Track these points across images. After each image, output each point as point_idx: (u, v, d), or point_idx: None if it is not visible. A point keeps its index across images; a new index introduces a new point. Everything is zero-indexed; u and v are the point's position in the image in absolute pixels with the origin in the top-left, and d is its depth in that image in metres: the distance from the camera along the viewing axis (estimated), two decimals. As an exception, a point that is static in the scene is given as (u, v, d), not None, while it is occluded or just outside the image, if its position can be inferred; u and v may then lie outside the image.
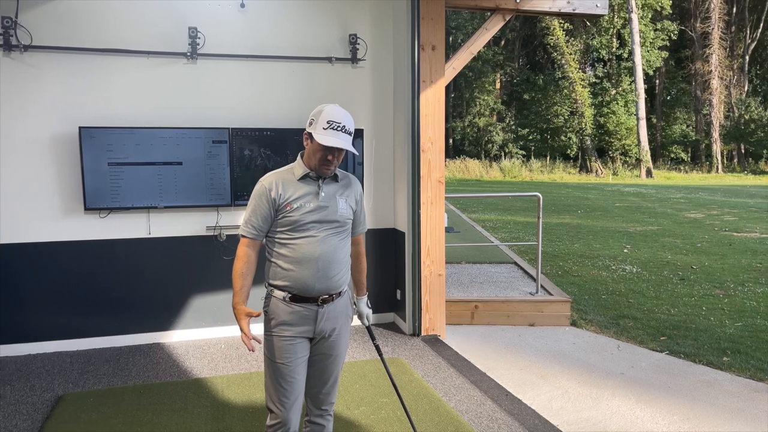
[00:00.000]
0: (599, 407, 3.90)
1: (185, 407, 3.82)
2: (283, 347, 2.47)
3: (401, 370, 4.43)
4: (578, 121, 32.04)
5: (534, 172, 30.84)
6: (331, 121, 2.41)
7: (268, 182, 2.49)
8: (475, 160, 32.81)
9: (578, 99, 31.70)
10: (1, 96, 4.64)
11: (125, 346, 5.02)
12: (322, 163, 2.45)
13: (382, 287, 5.65)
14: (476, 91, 37.45)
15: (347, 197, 2.58)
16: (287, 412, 2.46)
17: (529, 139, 35.21)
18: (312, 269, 2.44)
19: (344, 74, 5.41)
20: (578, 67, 32.25)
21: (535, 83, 35.21)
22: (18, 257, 4.77)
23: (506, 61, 37.64)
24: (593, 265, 8.55)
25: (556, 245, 10.16)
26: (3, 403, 3.93)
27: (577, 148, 33.37)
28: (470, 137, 37.98)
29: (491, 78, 37.29)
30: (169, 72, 4.99)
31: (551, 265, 8.53)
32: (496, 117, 37.93)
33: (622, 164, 31.42)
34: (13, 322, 4.80)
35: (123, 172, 4.87)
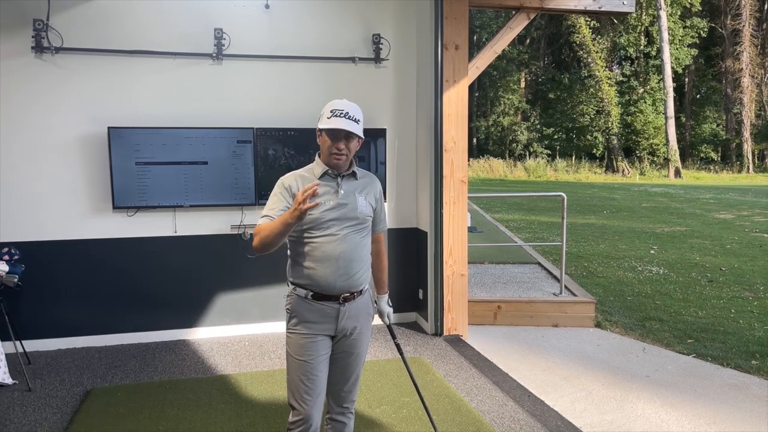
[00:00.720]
0: (623, 410, 3.85)
1: (209, 403, 3.88)
2: (305, 345, 2.49)
3: (423, 370, 4.44)
4: (604, 120, 31.60)
5: (559, 171, 30.51)
6: (335, 110, 2.45)
7: (288, 180, 2.52)
8: (499, 160, 32.58)
9: (605, 98, 31.26)
10: (33, 97, 4.76)
11: (152, 342, 5.11)
12: (332, 154, 2.46)
13: (404, 287, 5.65)
14: (501, 90, 37.18)
15: (367, 195, 2.59)
16: (309, 409, 2.48)
17: (554, 138, 34.84)
18: (333, 267, 2.45)
19: (367, 74, 5.42)
20: (605, 65, 31.81)
21: (560, 82, 34.82)
22: (49, 254, 4.88)
23: (531, 59, 37.32)
24: (619, 266, 8.44)
25: (581, 246, 10.05)
26: (34, 397, 4.03)
27: (603, 148, 32.92)
28: (494, 136, 37.73)
29: (516, 77, 36.99)
30: (195, 73, 5.06)
31: (576, 265, 8.44)
32: (520, 116, 37.63)
33: (650, 164, 30.92)
34: (43, 318, 4.92)
35: (150, 171, 4.95)
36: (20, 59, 4.70)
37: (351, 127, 2.44)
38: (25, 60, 4.72)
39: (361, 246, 2.54)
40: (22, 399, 3.99)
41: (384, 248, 2.84)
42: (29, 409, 3.83)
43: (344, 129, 2.42)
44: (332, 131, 2.44)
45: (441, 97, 5.08)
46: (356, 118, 2.48)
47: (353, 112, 2.48)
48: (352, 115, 2.46)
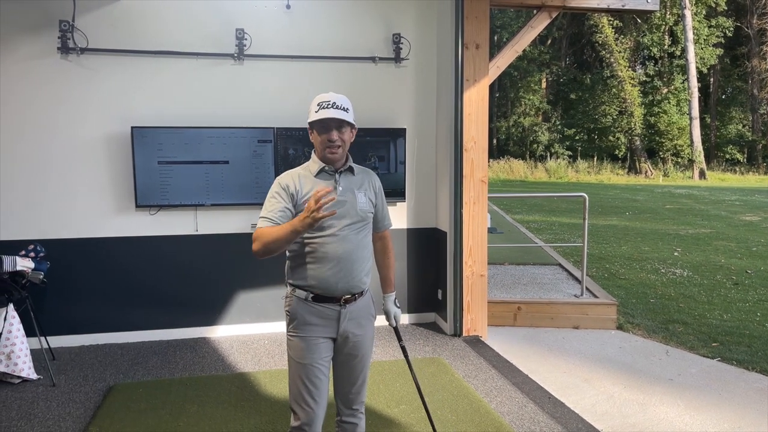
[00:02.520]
0: (646, 413, 3.80)
1: (229, 400, 3.90)
2: (307, 347, 2.43)
3: (442, 370, 4.42)
4: (627, 121, 31.17)
5: (580, 173, 30.20)
6: (321, 102, 2.41)
7: (285, 179, 2.45)
8: (519, 161, 32.34)
9: (627, 98, 30.84)
10: (58, 97, 4.84)
11: (173, 340, 5.17)
12: (326, 148, 2.40)
13: (423, 287, 5.64)
14: (521, 91, 36.92)
15: (366, 190, 2.53)
16: (313, 413, 2.42)
17: (576, 139, 34.49)
18: (334, 268, 2.40)
19: (387, 74, 5.42)
20: (628, 65, 31.40)
21: (582, 82, 34.47)
22: (73, 252, 4.96)
23: (552, 60, 37.00)
24: (641, 268, 8.32)
25: (603, 247, 9.93)
26: (58, 392, 4.10)
27: (626, 149, 32.48)
28: (515, 137, 37.49)
29: (537, 77, 36.69)
30: (216, 73, 5.11)
31: (597, 267, 8.35)
32: (541, 117, 37.34)
33: (674, 165, 30.44)
34: (68, 314, 5.00)
35: (172, 170, 5.01)
36: (46, 60, 4.79)
37: (340, 116, 2.38)
38: (51, 60, 4.80)
39: (362, 245, 2.48)
40: (46, 394, 4.06)
41: (390, 245, 2.80)
42: (53, 404, 3.89)
43: (334, 118, 2.37)
44: (321, 122, 2.38)
45: (461, 97, 5.06)
46: (344, 107, 2.42)
47: (340, 101, 2.42)
48: (339, 105, 2.40)
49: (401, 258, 5.60)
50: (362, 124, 5.32)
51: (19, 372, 4.19)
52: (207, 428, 3.51)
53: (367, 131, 5.30)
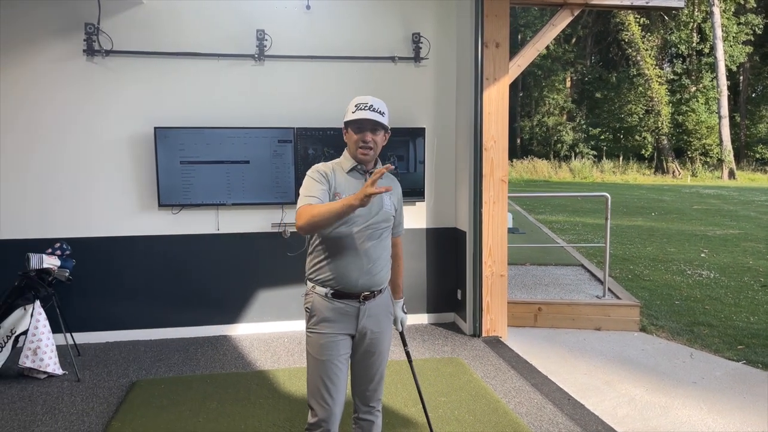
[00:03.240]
0: (668, 416, 3.74)
1: (248, 397, 3.94)
2: (326, 344, 2.44)
3: (460, 371, 4.40)
4: (654, 120, 30.69)
5: (605, 173, 29.80)
6: (359, 103, 2.47)
7: (324, 168, 2.50)
8: (543, 161, 32.05)
9: (654, 97, 30.36)
10: (84, 98, 4.94)
11: (195, 337, 5.24)
12: (359, 147, 2.46)
13: (443, 287, 5.63)
14: (545, 90, 36.59)
15: (391, 195, 2.60)
16: (330, 410, 2.42)
17: (601, 138, 34.05)
18: (357, 264, 2.43)
19: (407, 73, 5.42)
20: (655, 63, 30.89)
21: (607, 81, 34.01)
22: (98, 250, 5.06)
23: (577, 58, 36.60)
24: (666, 269, 8.19)
25: (627, 248, 9.79)
26: (82, 387, 4.18)
27: (653, 148, 31.98)
28: (539, 137, 37.17)
29: (561, 76, 36.32)
30: (237, 73, 5.16)
31: (621, 268, 8.23)
32: (566, 116, 36.94)
33: (702, 165, 29.86)
34: (93, 311, 5.10)
35: (194, 170, 5.08)
36: (72, 62, 4.89)
37: (376, 118, 2.45)
38: (77, 63, 4.90)
39: (384, 245, 2.54)
40: (71, 389, 4.15)
41: (401, 252, 2.85)
42: (77, 399, 3.97)
43: (370, 119, 2.43)
44: (358, 122, 2.45)
45: (481, 96, 5.03)
46: (381, 110, 2.48)
47: (378, 105, 2.48)
48: (376, 108, 2.46)
49: (420, 258, 5.59)
50: (382, 124, 5.33)
51: (45, 367, 4.28)
52: (225, 425, 3.55)
53: (386, 131, 5.29)
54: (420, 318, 5.65)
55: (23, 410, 3.80)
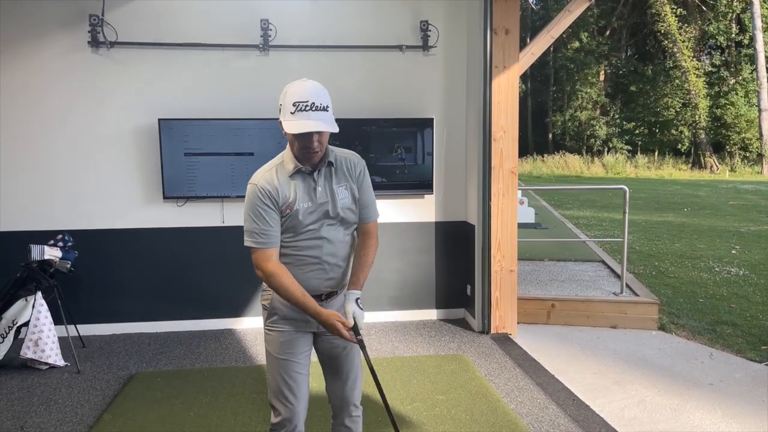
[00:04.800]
0: (678, 419, 3.53)
1: (242, 392, 3.87)
2: (285, 342, 2.31)
3: (463, 368, 4.26)
4: (691, 114, 29.72)
5: (639, 168, 29.01)
6: (297, 102, 2.10)
7: (265, 184, 2.20)
8: (575, 156, 31.39)
9: (692, 89, 29.39)
10: (89, 90, 4.94)
11: (199, 331, 5.21)
12: (303, 153, 2.17)
13: (452, 282, 5.48)
14: (578, 84, 35.84)
15: (346, 182, 2.30)
16: (293, 409, 2.30)
17: (636, 133, 33.20)
18: (317, 271, 2.27)
19: (415, 62, 5.28)
20: (692, 55, 29.91)
21: (643, 74, 33.09)
22: (104, 242, 5.06)
23: (612, 51, 35.71)
24: (694, 266, 7.86)
25: (654, 244, 9.45)
26: (81, 379, 4.18)
27: (690, 143, 31.01)
28: (571, 132, 36.45)
29: (595, 69, 35.51)
30: (242, 64, 5.10)
31: (645, 264, 7.93)
32: (599, 110, 36.14)
33: (741, 160, 28.83)
34: (99, 304, 5.12)
35: (198, 162, 5.03)
36: (77, 54, 4.89)
37: (319, 126, 2.08)
38: (82, 55, 4.90)
39: (344, 245, 2.33)
40: (70, 380, 4.15)
41: (374, 242, 2.39)
42: (74, 390, 3.97)
43: (312, 132, 2.09)
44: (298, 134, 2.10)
45: (490, 84, 4.86)
46: (323, 105, 2.12)
47: (319, 99, 2.11)
48: (318, 105, 2.10)
49: (429, 252, 5.45)
50: (388, 114, 5.21)
51: (47, 359, 4.29)
52: (216, 419, 3.49)
53: (393, 122, 5.18)
54: (429, 314, 5.51)
55: (20, 401, 3.81)
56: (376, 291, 5.39)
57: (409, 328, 5.25)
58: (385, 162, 5.22)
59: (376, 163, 5.18)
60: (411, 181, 5.28)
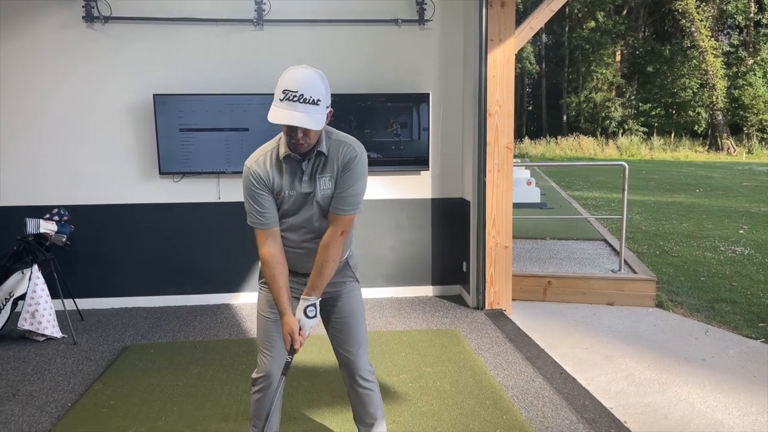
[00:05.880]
0: (665, 393, 3.51)
1: (232, 363, 3.91)
2: (268, 301, 2.39)
3: (454, 342, 4.26)
4: (708, 95, 29.24)
5: (655, 150, 28.65)
6: (287, 90, 2.04)
7: (257, 168, 2.24)
8: (589, 138, 31.09)
9: (709, 70, 28.89)
10: (84, 66, 4.96)
11: (196, 305, 5.26)
12: (289, 143, 2.14)
13: (449, 259, 5.47)
14: (593, 64, 35.37)
15: (332, 173, 2.24)
16: (269, 365, 2.40)
17: (652, 114, 32.74)
18: (298, 253, 2.34)
19: (411, 37, 5.23)
20: (710, 35, 29.34)
21: (660, 54, 32.53)
22: (102, 217, 5.11)
23: (629, 30, 35.11)
24: (699, 245, 7.76)
25: (661, 224, 9.34)
26: (77, 350, 4.25)
27: (707, 125, 30.52)
28: (586, 113, 36.05)
29: (611, 50, 35.00)
30: (236, 39, 5.08)
31: (650, 244, 7.86)
32: (615, 92, 35.67)
33: (759, 142, 28.34)
34: (98, 278, 5.18)
35: (194, 137, 5.05)
36: (72, 30, 4.91)
37: (299, 121, 2.01)
38: (77, 30, 4.91)
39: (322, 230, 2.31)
40: (65, 351, 4.22)
41: (337, 240, 2.24)
42: (69, 361, 4.04)
43: (295, 126, 2.04)
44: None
45: (485, 58, 4.79)
46: (314, 99, 2.05)
47: (310, 91, 2.04)
48: (308, 98, 2.03)
49: (425, 229, 5.44)
50: (383, 90, 5.18)
51: (43, 330, 4.37)
52: (204, 389, 3.53)
53: (388, 97, 5.14)
54: (425, 290, 5.51)
55: (15, 370, 3.88)
56: (372, 268, 5.40)
57: (404, 304, 5.26)
58: (381, 138, 5.19)
59: (372, 139, 5.16)
60: (407, 158, 5.25)
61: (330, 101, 2.16)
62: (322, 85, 2.10)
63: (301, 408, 3.25)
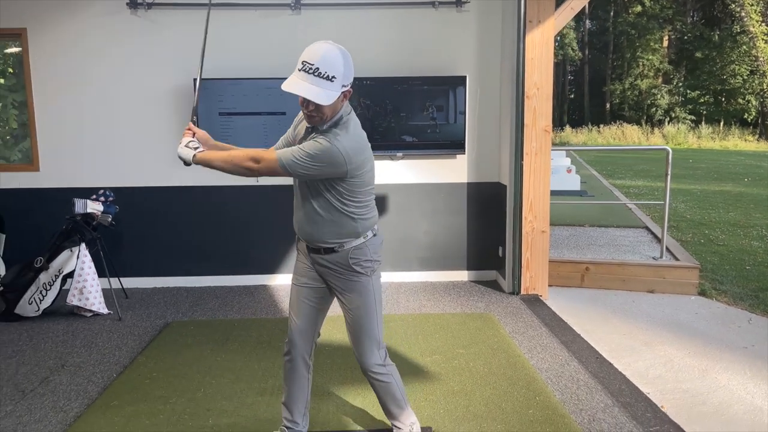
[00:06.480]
0: (704, 380, 3.43)
1: (269, 341, 4.00)
2: (297, 269, 2.54)
3: (487, 325, 4.25)
4: (759, 82, 28.12)
5: (703, 138, 27.73)
6: (305, 62, 2.10)
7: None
8: (634, 126, 30.26)
9: (760, 56, 27.74)
10: (128, 51, 5.10)
11: (235, 286, 5.38)
12: (303, 113, 2.23)
13: (484, 244, 5.45)
14: (639, 50, 34.40)
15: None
16: (293, 335, 2.52)
17: (700, 102, 31.68)
18: (295, 218, 2.46)
19: (448, 19, 5.19)
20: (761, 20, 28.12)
21: (709, 39, 31.42)
22: (143, 199, 5.27)
23: (676, 15, 33.99)
24: (746, 234, 7.52)
25: (707, 213, 9.07)
26: (122, 325, 4.40)
27: (757, 113, 29.38)
28: (630, 101, 35.12)
29: (657, 35, 33.97)
30: (274, 23, 5.14)
31: (695, 232, 7.64)
32: (661, 78, 34.63)
33: (814, 130, 27.15)
34: (142, 259, 5.35)
35: (232, 121, 5.14)
36: (117, 16, 5.05)
37: (304, 92, 2.06)
38: (121, 16, 5.05)
39: (308, 205, 2.34)
40: (111, 326, 4.38)
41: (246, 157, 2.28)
42: (114, 335, 4.19)
43: (301, 96, 2.10)
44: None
45: (523, 40, 4.73)
46: (329, 74, 2.08)
47: (326, 66, 2.08)
48: (323, 72, 2.08)
49: (460, 213, 5.42)
50: (420, 73, 5.17)
51: (91, 306, 4.54)
52: (241, 364, 3.63)
53: (424, 80, 5.13)
54: (460, 275, 5.50)
55: (64, 343, 4.05)
56: (406, 251, 5.42)
57: (438, 288, 5.26)
58: (416, 121, 5.19)
59: (407, 123, 5.16)
60: (442, 141, 5.24)
61: (349, 81, 2.19)
62: (342, 63, 2.13)
63: (332, 385, 3.31)
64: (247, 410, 3.04)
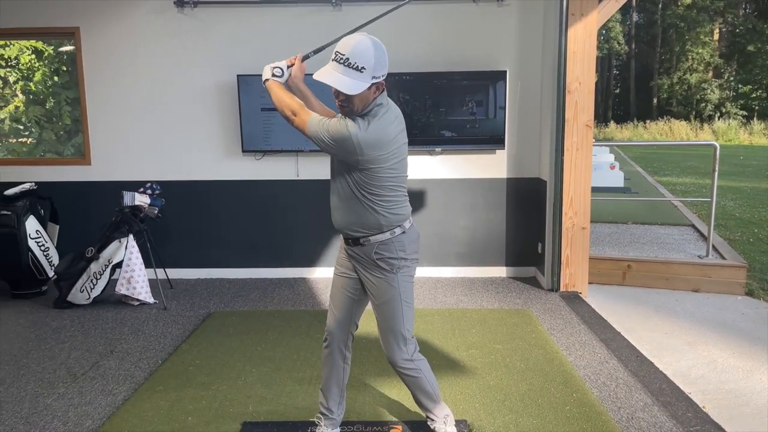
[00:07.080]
0: (749, 380, 3.35)
1: (308, 332, 4.07)
2: (338, 259, 2.60)
3: (525, 321, 4.23)
4: (817, 75, 26.91)
5: (755, 135, 26.69)
6: (338, 52, 2.19)
7: None
8: (682, 122, 29.34)
9: (819, 48, 26.55)
10: (175, 49, 5.25)
11: (275, 278, 5.49)
12: (335, 102, 2.29)
13: (524, 240, 5.41)
14: (689, 44, 33.33)
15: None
16: (330, 324, 2.59)
17: (752, 97, 30.51)
18: (331, 206, 2.47)
19: (489, 13, 5.16)
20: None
21: (762, 32, 30.19)
22: (188, 193, 5.42)
23: (728, 7, 32.80)
24: (798, 233, 7.25)
25: (757, 211, 8.76)
26: (167, 314, 4.55)
27: (815, 107, 28.13)
28: (679, 96, 34.08)
29: (708, 28, 32.84)
30: (315, 20, 5.20)
31: (743, 231, 7.40)
32: (711, 72, 33.50)
33: None
34: (186, 251, 5.51)
35: (274, 116, 5.23)
36: (164, 14, 5.20)
37: (337, 82, 2.14)
38: (169, 15, 5.20)
39: (337, 186, 2.39)
40: (157, 315, 4.53)
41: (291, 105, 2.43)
42: (160, 324, 4.34)
43: (330, 85, 2.18)
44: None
45: (565, 33, 4.67)
46: (358, 65, 2.14)
47: (356, 56, 2.14)
48: (353, 62, 2.15)
49: (500, 209, 5.39)
50: (459, 68, 5.16)
51: (138, 295, 4.71)
52: (280, 353, 3.71)
53: (464, 75, 5.12)
54: (498, 271, 5.48)
55: (113, 330, 4.22)
56: (444, 247, 5.43)
57: (476, 284, 5.25)
58: (456, 116, 5.18)
59: (447, 118, 5.16)
60: (482, 136, 5.22)
61: (381, 73, 2.23)
62: (373, 54, 2.17)
63: (369, 376, 3.35)
64: (285, 398, 3.11)
